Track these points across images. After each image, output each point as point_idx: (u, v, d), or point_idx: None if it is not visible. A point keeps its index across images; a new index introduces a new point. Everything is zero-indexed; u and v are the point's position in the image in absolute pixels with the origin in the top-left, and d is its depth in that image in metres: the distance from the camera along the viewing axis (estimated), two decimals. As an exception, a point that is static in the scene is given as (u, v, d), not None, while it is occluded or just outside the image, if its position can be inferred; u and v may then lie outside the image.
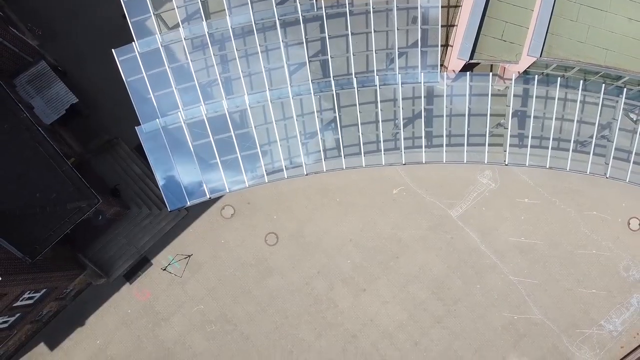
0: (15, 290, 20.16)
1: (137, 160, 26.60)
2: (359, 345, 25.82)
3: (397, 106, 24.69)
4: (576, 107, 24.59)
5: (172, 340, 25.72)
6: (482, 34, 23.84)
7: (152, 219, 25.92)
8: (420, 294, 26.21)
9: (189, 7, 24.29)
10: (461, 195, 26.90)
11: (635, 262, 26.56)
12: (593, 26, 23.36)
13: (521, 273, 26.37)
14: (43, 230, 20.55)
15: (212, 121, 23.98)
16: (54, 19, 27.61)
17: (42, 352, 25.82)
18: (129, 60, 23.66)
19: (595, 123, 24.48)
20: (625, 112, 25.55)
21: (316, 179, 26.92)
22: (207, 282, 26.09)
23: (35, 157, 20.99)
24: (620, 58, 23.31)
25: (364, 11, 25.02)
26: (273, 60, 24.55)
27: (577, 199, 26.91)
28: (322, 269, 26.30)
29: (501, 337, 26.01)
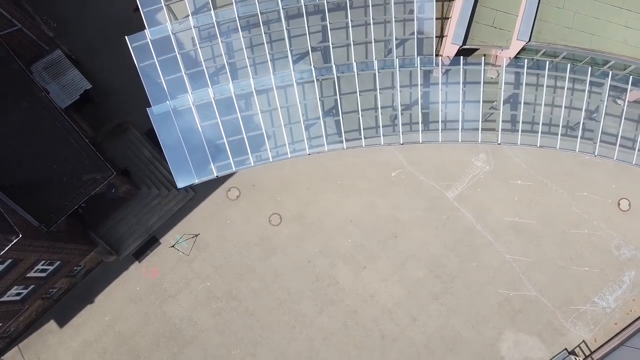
0: (31, 257, 21.19)
1: (147, 145, 27.85)
2: (359, 320, 26.69)
3: (394, 89, 25.99)
4: (564, 92, 25.91)
5: (179, 317, 26.62)
6: (475, 21, 25.22)
7: (160, 200, 27.06)
8: (418, 272, 27.16)
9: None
10: (457, 178, 28.03)
11: (626, 241, 27.53)
12: (578, 13, 24.75)
13: (516, 251, 27.35)
14: (59, 200, 21.71)
15: (219, 103, 25.26)
16: (67, 13, 29.17)
17: (51, 329, 26.73)
18: (141, 47, 24.97)
19: (583, 105, 25.74)
20: (612, 98, 26.87)
21: (318, 163, 28.15)
22: (214, 261, 27.10)
23: (52, 132, 22.25)
24: (604, 42, 24.67)
25: (362, 5, 26.54)
26: (277, 47, 25.93)
27: (569, 181, 28.02)
28: (324, 248, 27.32)
29: (497, 313, 26.87)
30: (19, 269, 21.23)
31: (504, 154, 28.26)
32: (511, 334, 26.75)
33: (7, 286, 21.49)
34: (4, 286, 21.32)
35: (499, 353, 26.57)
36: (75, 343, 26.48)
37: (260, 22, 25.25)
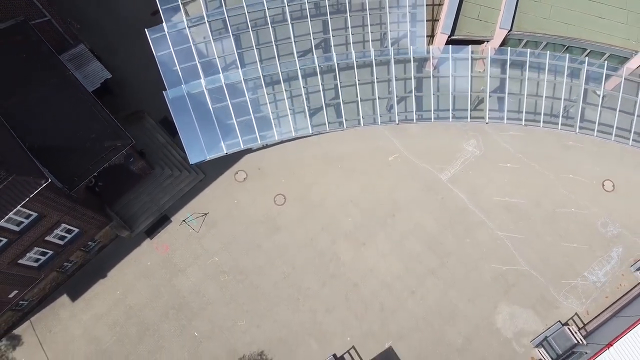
0: (54, 215, 22.78)
1: (161, 131, 29.96)
2: (360, 293, 27.85)
3: (390, 75, 28.37)
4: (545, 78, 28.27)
5: (187, 290, 27.82)
6: (462, 15, 27.97)
7: (172, 180, 28.86)
8: (415, 248, 28.58)
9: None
10: (449, 161, 29.95)
11: (612, 219, 29.10)
12: (555, 5, 27.49)
13: (507, 229, 28.86)
14: (82, 164, 23.59)
15: (229, 87, 27.54)
16: (90, 15, 32.05)
17: (64, 303, 27.88)
18: (159, 38, 27.52)
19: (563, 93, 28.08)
20: (592, 88, 29.21)
21: (319, 149, 30.17)
22: (222, 237, 28.58)
23: (77, 105, 24.46)
24: (579, 30, 27.26)
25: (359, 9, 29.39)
26: (281, 36, 28.42)
27: (554, 164, 29.91)
28: (326, 226, 28.86)
29: (492, 287, 28.07)
30: (42, 226, 22.78)
31: (493, 140, 30.30)
32: (506, 307, 27.84)
33: (29, 244, 22.98)
34: (26, 244, 22.82)
35: (495, 325, 27.57)
36: (86, 316, 27.56)
37: (267, 15, 27.97)
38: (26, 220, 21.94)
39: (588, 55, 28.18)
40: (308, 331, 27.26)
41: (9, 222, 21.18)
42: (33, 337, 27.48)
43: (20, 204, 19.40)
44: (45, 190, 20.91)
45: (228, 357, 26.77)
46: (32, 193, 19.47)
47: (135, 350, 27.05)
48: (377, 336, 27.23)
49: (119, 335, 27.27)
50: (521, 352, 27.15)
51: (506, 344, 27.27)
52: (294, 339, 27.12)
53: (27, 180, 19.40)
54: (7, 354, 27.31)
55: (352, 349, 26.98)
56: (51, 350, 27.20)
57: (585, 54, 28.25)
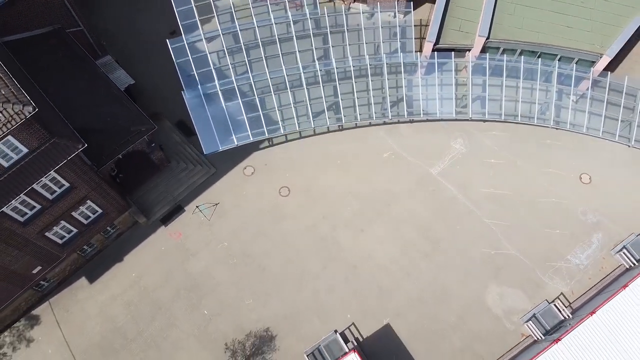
0: (83, 189, 25.35)
1: (177, 132, 33.03)
2: (359, 275, 29.82)
3: (383, 77, 31.91)
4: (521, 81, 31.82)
5: (198, 272, 29.82)
6: (445, 27, 32.00)
7: (187, 173, 31.60)
8: (410, 234, 30.84)
9: (222, 16, 32.51)
10: (438, 157, 32.79)
11: (591, 208, 31.52)
12: (526, 17, 31.52)
13: (494, 217, 31.24)
14: (110, 146, 26.47)
15: (240, 88, 31.03)
16: (115, 31, 35.93)
17: (82, 285, 29.85)
18: (178, 48, 31.26)
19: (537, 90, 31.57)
20: (565, 93, 32.69)
21: (320, 148, 33.09)
22: (231, 225, 30.91)
23: (107, 96, 27.70)
24: (548, 37, 31.13)
25: (358, 11, 33.49)
26: (286, 48, 32.18)
27: (535, 160, 32.72)
28: (327, 215, 31.27)
29: (481, 269, 30.07)
30: (71, 199, 25.30)
31: (477, 139, 33.31)
32: (495, 287, 29.73)
33: (58, 215, 25.43)
34: (56, 214, 25.27)
35: (486, 304, 29.34)
36: (102, 297, 29.42)
37: (273, 22, 31.81)
38: (59, 190, 24.54)
39: (559, 60, 31.84)
40: (311, 309, 29.03)
41: (44, 189, 23.80)
42: (51, 316, 29.22)
43: (61, 163, 22.06)
44: (78, 160, 23.73)
45: (235, 333, 28.39)
46: (70, 155, 22.19)
47: (148, 327, 28.72)
48: (375, 314, 28.96)
49: (133, 314, 29.03)
50: (511, 328, 28.78)
51: (497, 320, 28.96)
52: (298, 317, 28.84)
53: (67, 143, 22.20)
54: (25, 332, 28.94)
55: (352, 325, 28.64)
56: (67, 328, 28.87)
57: (556, 59, 31.91)
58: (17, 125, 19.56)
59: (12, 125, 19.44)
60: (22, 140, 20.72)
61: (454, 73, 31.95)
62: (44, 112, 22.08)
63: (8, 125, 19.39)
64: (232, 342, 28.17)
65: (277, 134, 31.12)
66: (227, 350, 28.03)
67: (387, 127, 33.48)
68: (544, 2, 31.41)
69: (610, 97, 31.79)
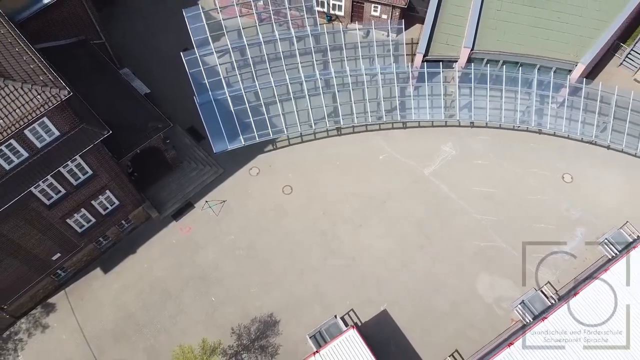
0: (104, 177, 27.62)
1: (188, 136, 35.62)
2: (357, 266, 31.68)
3: (377, 86, 34.83)
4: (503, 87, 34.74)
5: (207, 263, 31.68)
6: (434, 41, 35.21)
7: (197, 173, 33.98)
8: (405, 229, 32.91)
9: (231, 33, 35.71)
10: (431, 159, 35.25)
11: (574, 205, 33.72)
12: (507, 31, 34.76)
13: (483, 212, 33.40)
14: (130, 139, 28.97)
15: (247, 95, 33.85)
16: (132, 48, 39.01)
17: (96, 275, 31.66)
18: (191, 60, 34.28)
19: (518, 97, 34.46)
20: (546, 100, 35.56)
21: (321, 151, 35.60)
22: (237, 221, 33.01)
23: (128, 97, 30.52)
24: (527, 48, 34.24)
25: (354, 30, 36.80)
26: (289, 61, 35.25)
27: (520, 161, 35.19)
28: (327, 212, 33.43)
29: (473, 260, 31.98)
30: (92, 186, 27.53)
31: (466, 142, 35.89)
32: (486, 277, 31.56)
33: (80, 201, 27.60)
34: (78, 200, 27.43)
35: (477, 292, 31.11)
36: (116, 286, 31.18)
37: (278, 38, 35.04)
38: (82, 176, 26.80)
39: (539, 69, 34.83)
40: (312, 297, 30.75)
41: (70, 174, 26.09)
42: (66, 304, 30.88)
43: (88, 147, 24.46)
44: (102, 148, 26.15)
45: (241, 318, 30.01)
46: (97, 139, 24.63)
47: (159, 314, 30.34)
48: (373, 302, 30.68)
49: (144, 302, 30.71)
50: (501, 314, 30.45)
51: (488, 307, 30.67)
52: (300, 304, 30.53)
53: (94, 129, 24.69)
54: (40, 319, 30.52)
55: (352, 311, 30.30)
56: (82, 315, 30.49)
57: (536, 69, 34.90)
58: (53, 107, 22.08)
59: (48, 106, 21.97)
60: (55, 123, 23.19)
61: (443, 82, 34.89)
62: (74, 102, 24.65)
63: (45, 106, 21.91)
64: (238, 326, 29.77)
65: (280, 135, 33.81)
66: (233, 334, 29.59)
67: (382, 132, 36.14)
68: (523, 18, 34.76)
69: (587, 102, 34.63)
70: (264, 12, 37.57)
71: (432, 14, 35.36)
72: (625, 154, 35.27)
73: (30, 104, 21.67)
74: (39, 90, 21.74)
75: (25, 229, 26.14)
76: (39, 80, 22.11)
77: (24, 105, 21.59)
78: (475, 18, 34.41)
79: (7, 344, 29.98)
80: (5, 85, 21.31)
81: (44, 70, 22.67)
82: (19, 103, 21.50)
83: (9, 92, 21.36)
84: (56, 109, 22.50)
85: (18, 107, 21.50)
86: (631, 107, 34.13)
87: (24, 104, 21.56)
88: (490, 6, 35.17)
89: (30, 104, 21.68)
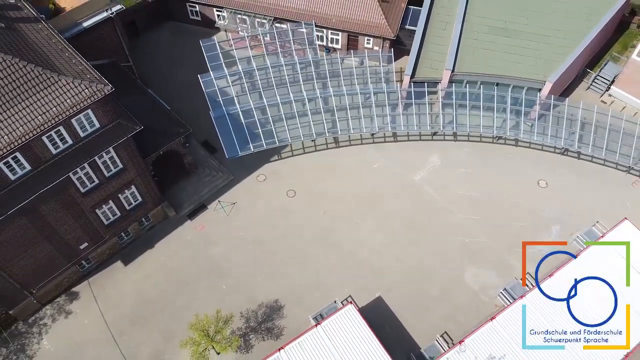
0: (131, 171, 31.50)
1: (202, 149, 39.79)
2: (354, 258, 34.95)
3: (371, 103, 39.46)
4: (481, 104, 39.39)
5: (218, 256, 34.94)
6: (419, 65, 40.21)
7: (210, 178, 37.87)
8: (398, 226, 36.44)
9: (242, 61, 40.82)
10: (419, 168, 39.31)
11: (548, 206, 37.42)
12: (484, 56, 39.84)
13: (467, 213, 37.06)
14: (154, 141, 33.09)
15: (256, 110, 38.35)
16: (151, 73, 43.86)
17: (117, 267, 34.81)
18: (207, 81, 39.10)
19: (494, 115, 39.05)
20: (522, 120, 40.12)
21: (321, 160, 39.69)
22: (246, 220, 36.56)
23: (153, 107, 34.98)
24: (501, 70, 39.15)
25: (350, 60, 41.92)
26: (292, 81, 40.11)
27: (499, 169, 39.25)
28: (327, 211, 37.08)
29: (459, 253, 35.30)
30: (121, 179, 31.36)
31: (451, 154, 40.11)
32: (472, 268, 34.78)
33: (110, 193, 31.34)
34: (108, 191, 31.20)
35: (464, 281, 34.23)
36: (135, 277, 34.27)
37: (283, 64, 40.05)
38: (113, 169, 30.70)
39: (512, 89, 39.62)
40: (313, 285, 33.83)
41: (103, 165, 29.99)
42: (89, 293, 33.84)
43: (122, 139, 28.52)
44: (132, 144, 30.21)
45: (249, 303, 32.94)
46: (130, 133, 28.74)
47: (174, 301, 33.27)
48: (368, 289, 33.72)
49: (161, 290, 33.72)
50: (486, 300, 33.46)
51: (474, 295, 33.71)
52: (302, 291, 33.57)
53: (128, 124, 28.85)
54: (64, 306, 33.37)
55: (350, 297, 33.27)
56: (103, 303, 33.39)
57: (510, 88, 39.69)
58: (97, 100, 26.34)
59: (94, 99, 26.23)
60: (97, 115, 27.40)
61: (428, 101, 39.59)
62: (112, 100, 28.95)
63: (92, 98, 26.18)
64: (247, 311, 32.66)
65: (285, 144, 38.07)
66: (242, 317, 32.42)
67: (376, 145, 40.44)
68: (497, 45, 39.98)
69: (557, 116, 39.20)
70: (271, 45, 42.90)
71: (418, 43, 40.60)
72: (595, 163, 39.49)
73: (79, 95, 26.00)
74: (87, 84, 26.12)
75: (61, 213, 29.72)
76: (86, 77, 26.54)
77: (74, 97, 25.91)
78: (455, 45, 39.59)
79: (32, 328, 32.68)
80: (59, 80, 25.69)
81: (90, 70, 27.14)
82: (70, 94, 25.82)
83: (62, 85, 25.74)
84: (99, 102, 26.78)
85: (69, 97, 25.79)
86: (595, 120, 38.67)
87: (74, 95, 25.88)
88: (469, 36, 40.50)
89: (79, 96, 26.00)
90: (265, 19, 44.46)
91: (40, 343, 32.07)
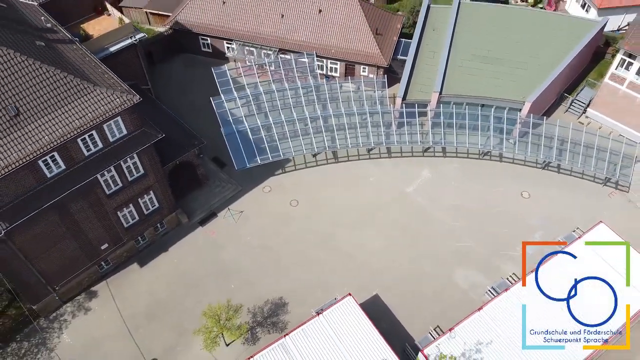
0: (151, 177, 34.79)
1: (212, 163, 43.26)
2: (354, 260, 37.79)
3: (367, 122, 43.29)
4: (466, 123, 43.24)
5: (227, 259, 37.74)
6: (410, 89, 44.35)
7: (220, 189, 41.16)
8: (393, 232, 39.47)
9: (250, 86, 44.95)
10: (411, 181, 42.73)
11: (532, 215, 40.61)
12: (469, 80, 44.03)
13: (456, 220, 40.19)
14: (171, 151, 36.57)
15: (263, 127, 42.09)
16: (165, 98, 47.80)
17: (134, 268, 37.54)
18: (218, 103, 43.02)
19: (478, 133, 42.86)
20: (506, 138, 43.95)
21: (322, 173, 43.11)
22: (253, 226, 39.58)
23: (170, 121, 38.58)
24: (484, 92, 43.22)
25: (347, 86, 46.08)
26: (295, 104, 44.10)
27: (485, 182, 42.68)
28: (328, 219, 40.18)
29: (450, 257, 38.18)
30: (141, 184, 34.61)
31: (441, 169, 43.63)
32: (462, 270, 37.58)
33: (131, 196, 34.52)
34: (130, 195, 34.40)
35: (454, 281, 36.98)
36: (149, 277, 36.96)
37: (287, 88, 44.16)
38: (136, 174, 34.01)
39: (495, 109, 43.60)
40: (315, 285, 36.51)
41: (127, 170, 33.32)
42: (107, 291, 36.43)
43: (146, 145, 31.99)
44: (153, 152, 33.66)
45: (256, 301, 35.52)
46: (153, 140, 32.24)
47: (185, 299, 35.86)
48: (367, 288, 36.40)
49: (173, 290, 36.36)
50: (475, 298, 36.09)
51: (463, 293, 36.38)
52: (305, 290, 36.22)
53: (151, 132, 32.40)
54: (84, 304, 35.89)
55: (349, 295, 35.86)
56: (120, 300, 35.94)
57: (493, 109, 43.66)
58: (127, 108, 29.98)
59: (124, 107, 29.86)
60: (125, 122, 30.97)
61: (418, 120, 43.48)
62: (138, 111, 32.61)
63: (123, 106, 29.82)
64: (253, 307, 35.22)
65: (288, 157, 41.65)
66: (249, 313, 34.94)
67: (372, 160, 44.01)
68: (481, 71, 44.28)
69: (536, 134, 42.99)
70: (276, 73, 47.16)
71: (409, 69, 44.95)
72: (574, 177, 43.01)
73: (112, 104, 29.65)
74: (118, 95, 29.83)
75: (88, 213, 32.81)
76: (117, 88, 30.28)
77: (107, 105, 29.56)
78: (443, 70, 43.91)
79: (53, 323, 35.09)
80: (95, 89, 29.41)
81: (120, 83, 30.93)
82: (104, 102, 29.48)
83: (97, 94, 29.44)
84: (128, 110, 30.41)
85: (103, 105, 29.43)
86: (570, 136, 42.46)
87: (107, 104, 29.53)
88: (455, 62, 44.89)
89: (111, 104, 29.66)
90: (271, 50, 49.00)
91: (60, 337, 34.43)
